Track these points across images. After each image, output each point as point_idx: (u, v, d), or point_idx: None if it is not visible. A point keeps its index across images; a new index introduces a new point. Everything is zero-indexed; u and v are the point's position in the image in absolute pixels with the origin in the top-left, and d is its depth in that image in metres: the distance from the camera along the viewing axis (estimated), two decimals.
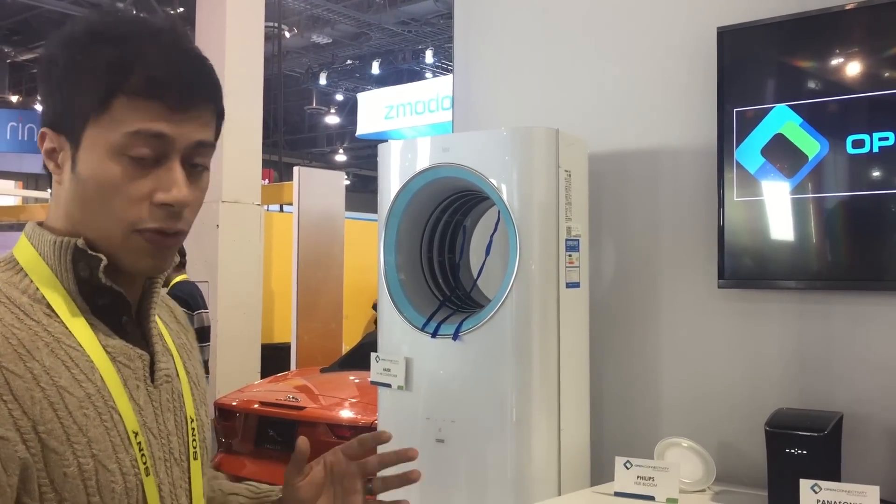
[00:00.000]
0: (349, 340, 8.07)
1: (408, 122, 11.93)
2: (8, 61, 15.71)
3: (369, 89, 13.94)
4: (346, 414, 4.86)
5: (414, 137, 3.03)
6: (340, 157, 19.84)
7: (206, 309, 5.75)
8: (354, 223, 9.07)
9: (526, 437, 2.25)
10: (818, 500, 1.81)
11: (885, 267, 2.11)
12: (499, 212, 2.44)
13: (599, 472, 2.41)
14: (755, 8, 2.28)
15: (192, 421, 1.02)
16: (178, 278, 5.40)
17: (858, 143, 2.10)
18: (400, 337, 2.46)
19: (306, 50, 14.60)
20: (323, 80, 14.85)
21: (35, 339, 0.87)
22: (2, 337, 0.85)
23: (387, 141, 2.61)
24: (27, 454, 0.83)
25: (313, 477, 1.10)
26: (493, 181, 2.28)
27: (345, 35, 13.85)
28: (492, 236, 2.61)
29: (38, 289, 0.91)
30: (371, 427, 4.33)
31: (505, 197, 2.27)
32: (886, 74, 2.08)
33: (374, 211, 2.60)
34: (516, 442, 2.25)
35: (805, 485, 1.82)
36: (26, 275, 0.92)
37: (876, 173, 2.08)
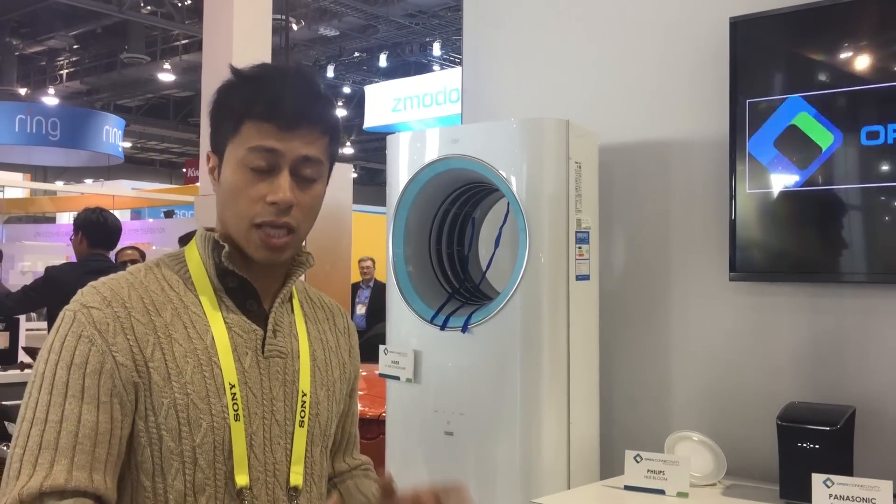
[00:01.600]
0: None
1: (415, 115, 11.90)
2: (16, 54, 15.73)
3: (377, 82, 13.91)
4: None
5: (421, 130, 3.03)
6: (348, 150, 19.83)
7: None
8: (362, 216, 9.07)
9: (535, 430, 2.24)
10: (830, 495, 1.79)
11: None
12: (508, 203, 2.43)
13: (609, 466, 2.40)
14: None
15: (304, 395, 1.22)
16: None
17: (873, 135, 2.08)
18: (408, 329, 2.45)
19: (314, 42, 14.57)
20: (330, 73, 14.83)
21: (166, 303, 1.15)
22: (139, 297, 1.14)
23: (394, 133, 2.60)
24: (139, 379, 1.10)
25: None
26: (503, 173, 2.27)
27: (352, 27, 13.82)
28: (501, 228, 2.59)
29: (188, 270, 1.20)
30: (379, 419, 4.34)
31: (514, 188, 2.25)
32: None
33: (382, 204, 2.59)
34: (525, 435, 2.24)
35: (817, 479, 1.81)
36: (184, 260, 1.21)
37: (891, 165, 2.06)
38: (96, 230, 4.14)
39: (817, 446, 1.92)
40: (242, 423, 1.14)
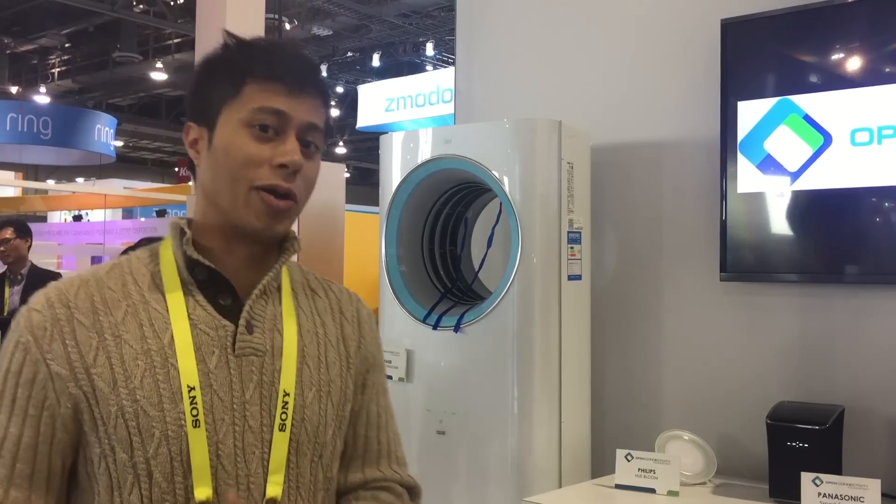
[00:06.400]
0: None
1: (408, 115, 11.90)
2: (7, 52, 15.67)
3: (370, 82, 13.90)
4: None
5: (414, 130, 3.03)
6: (341, 150, 19.81)
7: None
8: (355, 216, 9.06)
9: (527, 429, 2.25)
10: (819, 494, 1.81)
11: (887, 260, 2.11)
12: (500, 204, 2.44)
13: (600, 465, 2.41)
14: (759, 0, 2.27)
15: (287, 396, 1.09)
16: None
17: (862, 137, 2.10)
18: (401, 329, 2.45)
19: (307, 42, 14.55)
20: (323, 73, 14.82)
21: (121, 301, 1.06)
22: (87, 295, 1.05)
23: (387, 133, 2.60)
24: (78, 390, 1.01)
25: None
26: (495, 173, 2.28)
27: (345, 27, 13.82)
28: (493, 228, 2.60)
29: (157, 264, 1.10)
30: None
31: (507, 189, 2.26)
32: (889, 68, 2.08)
33: (374, 203, 2.59)
34: (517, 434, 2.25)
35: (806, 478, 1.82)
36: (156, 254, 1.12)
37: (879, 166, 2.08)
38: None
39: (806, 445, 1.93)
40: (204, 429, 1.02)
